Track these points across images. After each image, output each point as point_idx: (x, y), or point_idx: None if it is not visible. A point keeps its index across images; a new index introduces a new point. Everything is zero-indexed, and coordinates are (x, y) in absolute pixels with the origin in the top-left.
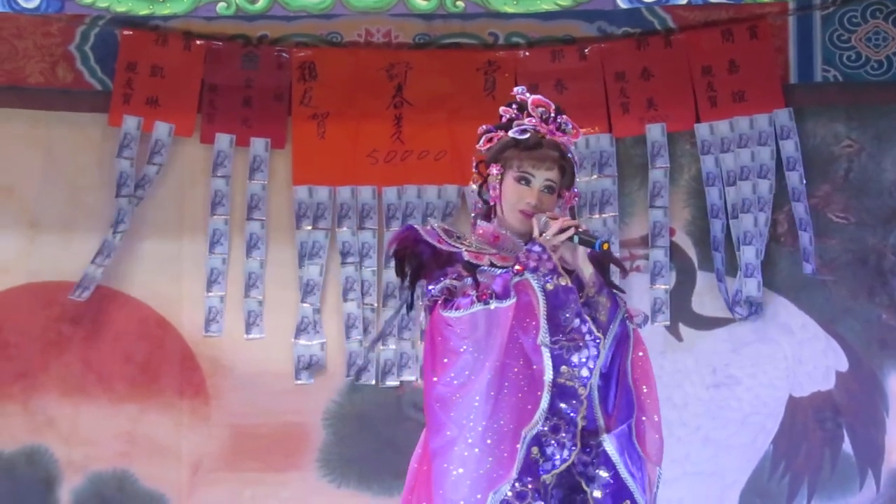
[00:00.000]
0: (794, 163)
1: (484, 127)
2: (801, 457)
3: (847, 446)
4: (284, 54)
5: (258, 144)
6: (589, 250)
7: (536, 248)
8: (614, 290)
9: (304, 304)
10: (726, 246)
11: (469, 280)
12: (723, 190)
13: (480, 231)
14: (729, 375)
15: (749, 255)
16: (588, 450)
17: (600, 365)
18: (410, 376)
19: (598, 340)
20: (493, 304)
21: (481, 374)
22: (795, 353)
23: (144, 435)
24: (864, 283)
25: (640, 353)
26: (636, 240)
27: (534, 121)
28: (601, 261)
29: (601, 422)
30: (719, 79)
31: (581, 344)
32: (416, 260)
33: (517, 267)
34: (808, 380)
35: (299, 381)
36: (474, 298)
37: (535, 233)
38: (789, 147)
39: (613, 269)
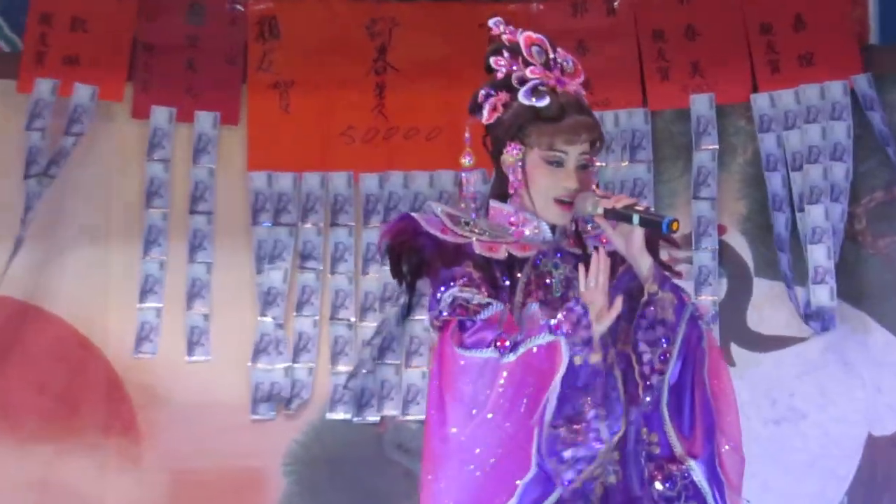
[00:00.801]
0: (887, 137)
1: (483, 91)
2: None
3: None
4: (239, 6)
5: (205, 120)
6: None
7: (578, 309)
8: (678, 285)
9: (264, 319)
10: (793, 246)
11: (480, 296)
12: (787, 176)
13: (493, 212)
14: (793, 408)
15: (819, 255)
16: (671, 483)
17: (668, 376)
18: (394, 410)
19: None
20: (509, 358)
21: (478, 430)
22: (875, 381)
23: (60, 483)
24: None
25: (716, 360)
26: (677, 239)
27: (535, 69)
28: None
29: (679, 447)
30: (782, 38)
31: (580, 440)
32: (416, 256)
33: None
34: (891, 414)
35: (257, 416)
36: (493, 341)
37: (585, 212)
38: (877, 120)
39: None
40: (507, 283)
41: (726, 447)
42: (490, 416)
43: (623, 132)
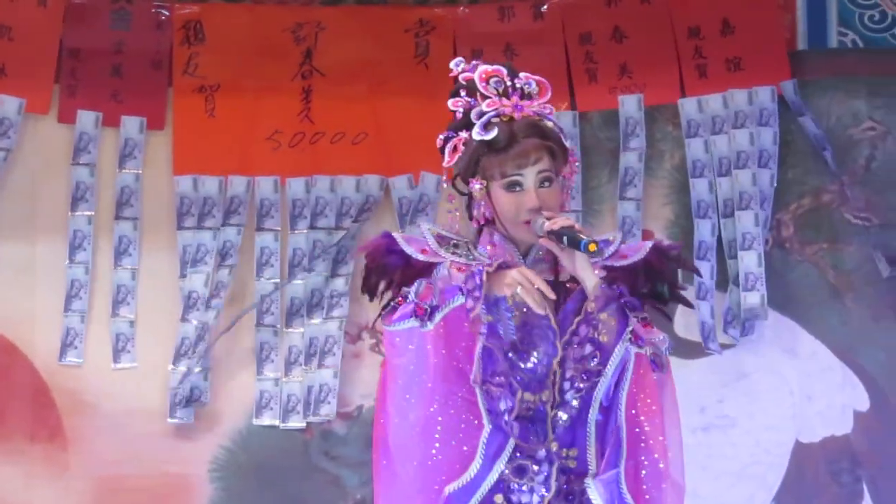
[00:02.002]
0: (822, 140)
1: (442, 136)
2: None
3: None
4: (164, 11)
5: (131, 124)
6: (592, 259)
7: (477, 275)
8: (629, 308)
9: (186, 323)
10: (717, 254)
11: (422, 283)
12: (714, 181)
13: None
14: (721, 416)
15: (749, 262)
16: (571, 498)
17: (600, 397)
18: (320, 415)
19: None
20: (428, 327)
21: (418, 406)
22: (804, 389)
23: None
24: (889, 300)
25: (647, 382)
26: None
27: (492, 102)
28: (657, 269)
29: (593, 465)
30: (710, 43)
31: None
32: (385, 273)
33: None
34: (819, 421)
35: (174, 420)
36: (413, 311)
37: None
38: (810, 124)
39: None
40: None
41: (644, 461)
42: (430, 384)
43: None
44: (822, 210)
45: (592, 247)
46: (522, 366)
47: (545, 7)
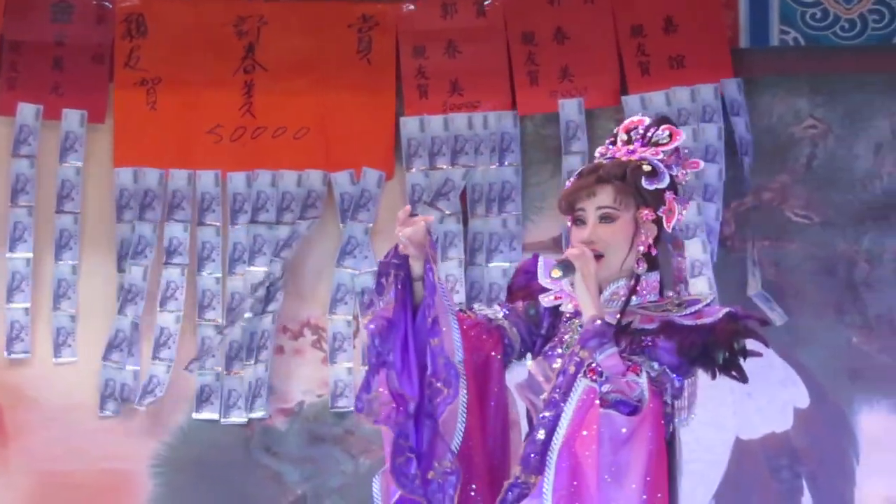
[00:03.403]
0: (746, 145)
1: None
2: None
3: (807, 501)
4: (106, 4)
5: (72, 117)
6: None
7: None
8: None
9: (122, 316)
10: (665, 247)
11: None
12: None
13: None
14: None
15: (695, 250)
16: None
17: (560, 429)
18: (261, 411)
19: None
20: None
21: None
22: (744, 386)
23: None
24: (830, 298)
25: (590, 417)
26: (546, 243)
27: (616, 148)
28: (718, 335)
29: (548, 493)
30: (653, 40)
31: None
32: (509, 293)
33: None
34: (759, 419)
35: (104, 414)
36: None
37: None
38: (740, 126)
39: None
40: (544, 332)
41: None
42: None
43: (492, 135)
44: (763, 208)
45: (554, 272)
46: None
47: (487, 4)
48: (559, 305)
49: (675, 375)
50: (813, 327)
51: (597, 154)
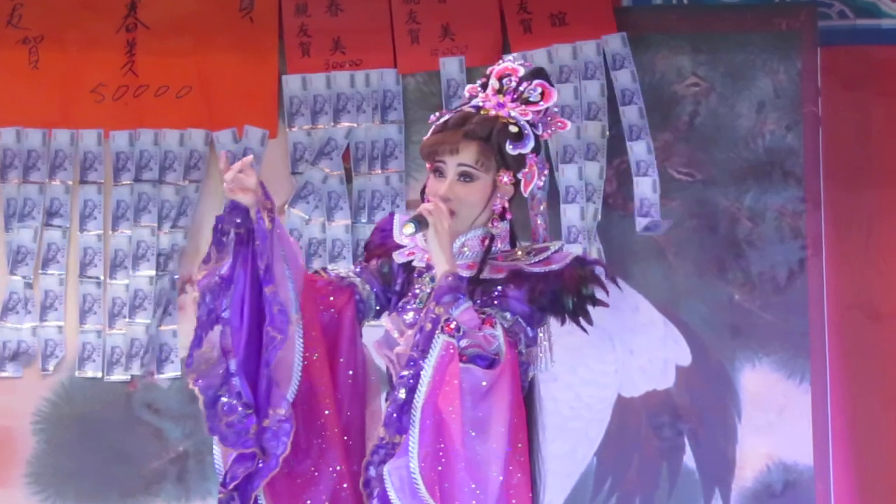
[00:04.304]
0: (630, 95)
1: (434, 115)
2: (633, 472)
3: (689, 459)
4: None
5: None
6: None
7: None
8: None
9: (14, 277)
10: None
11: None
12: None
13: None
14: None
15: (572, 215)
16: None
17: (422, 386)
18: (141, 369)
19: None
20: None
21: None
22: (626, 343)
23: None
24: (712, 256)
25: (450, 372)
26: None
27: (485, 96)
28: (566, 281)
29: (414, 451)
30: None
31: None
32: (367, 251)
33: None
34: (641, 376)
35: (4, 374)
36: None
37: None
38: (624, 78)
39: None
40: (398, 289)
41: (441, 457)
42: None
43: (374, 93)
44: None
45: (406, 227)
46: None
47: None
48: (412, 261)
49: (526, 325)
50: (694, 285)
51: (465, 93)
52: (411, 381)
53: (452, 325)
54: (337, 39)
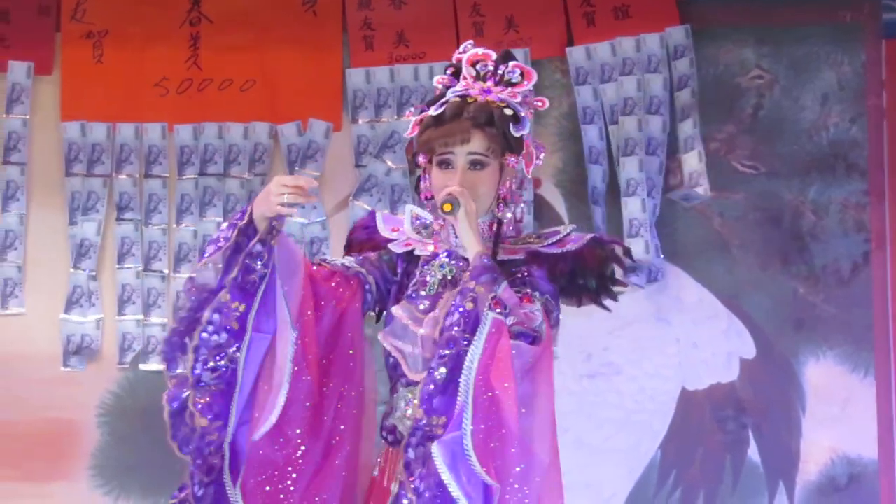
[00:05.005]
0: (686, 80)
1: (412, 108)
2: (697, 465)
3: (753, 452)
4: None
5: (18, 70)
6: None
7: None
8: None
9: (77, 271)
10: (610, 199)
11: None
12: (604, 129)
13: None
14: (607, 363)
15: (633, 208)
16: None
17: (473, 364)
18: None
19: None
20: None
21: None
22: (690, 336)
23: None
24: (776, 249)
25: (502, 349)
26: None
27: (467, 84)
28: (586, 261)
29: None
30: None
31: None
32: (350, 247)
33: None
34: (705, 369)
35: (68, 368)
36: None
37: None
38: (683, 65)
39: None
40: (398, 278)
41: (493, 436)
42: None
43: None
44: (709, 158)
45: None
46: None
47: None
48: (412, 251)
49: (555, 304)
50: (758, 278)
51: (437, 84)
52: (453, 359)
53: (500, 303)
54: (400, 33)
